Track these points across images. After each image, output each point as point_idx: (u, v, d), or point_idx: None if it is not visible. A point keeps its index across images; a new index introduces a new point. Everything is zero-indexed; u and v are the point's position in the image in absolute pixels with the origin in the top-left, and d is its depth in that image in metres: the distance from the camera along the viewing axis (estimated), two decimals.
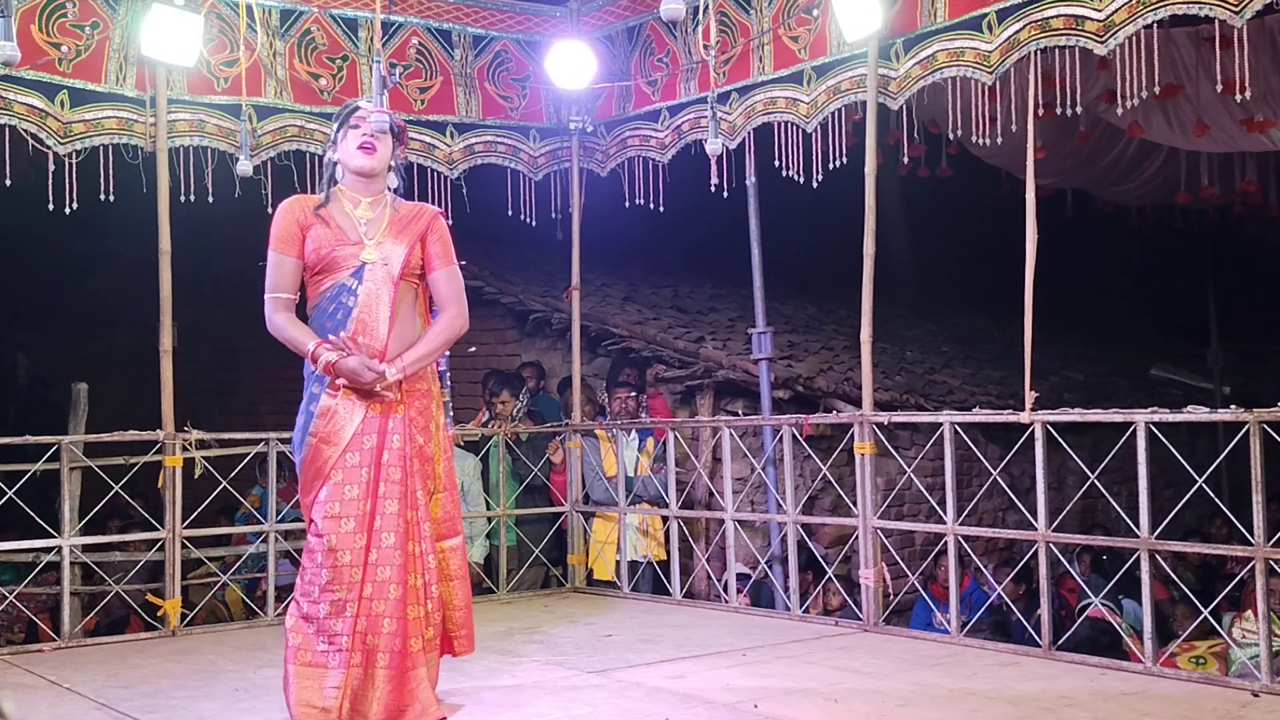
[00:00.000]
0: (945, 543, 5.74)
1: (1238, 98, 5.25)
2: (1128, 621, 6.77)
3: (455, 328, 4.36)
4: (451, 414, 4.52)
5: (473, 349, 4.57)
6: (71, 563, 5.99)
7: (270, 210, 6.50)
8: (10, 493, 5.92)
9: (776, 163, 6.50)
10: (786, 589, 6.50)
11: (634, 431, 7.46)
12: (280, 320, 4.22)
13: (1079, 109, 5.60)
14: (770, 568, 7.16)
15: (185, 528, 6.20)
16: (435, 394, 4.38)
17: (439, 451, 4.35)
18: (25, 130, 5.84)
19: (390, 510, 4.12)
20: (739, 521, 6.96)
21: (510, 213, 7.37)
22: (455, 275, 4.41)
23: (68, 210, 5.95)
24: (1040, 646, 5.34)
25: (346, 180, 4.32)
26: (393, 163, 4.40)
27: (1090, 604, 5.73)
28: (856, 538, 6.04)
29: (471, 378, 9.13)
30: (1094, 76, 6.25)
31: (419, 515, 4.19)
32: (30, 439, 6.05)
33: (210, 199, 6.35)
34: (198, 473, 6.22)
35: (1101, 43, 5.12)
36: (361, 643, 4.06)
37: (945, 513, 5.71)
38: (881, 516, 6.11)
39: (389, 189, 4.40)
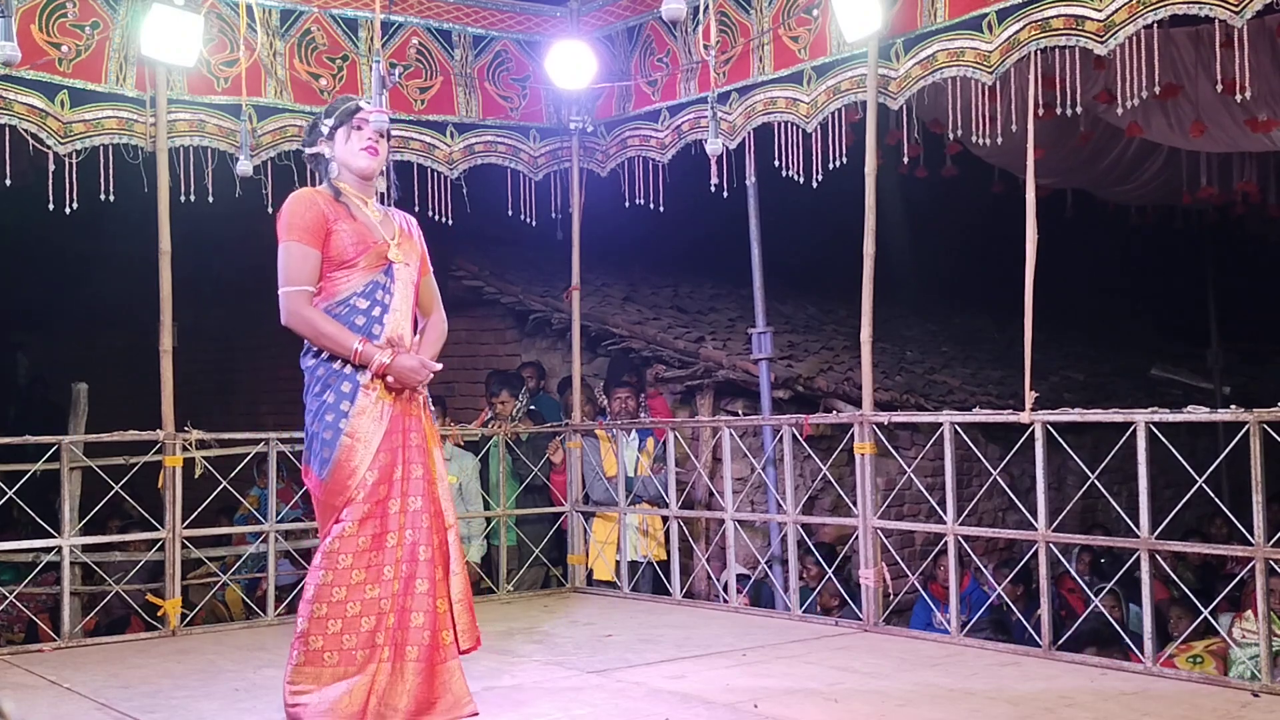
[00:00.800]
0: (945, 543, 5.74)
1: (1238, 98, 5.25)
2: (1132, 626, 6.76)
3: (444, 330, 4.49)
4: (433, 408, 4.51)
5: None
6: (71, 563, 5.99)
7: (270, 210, 6.51)
8: (10, 493, 5.92)
9: (776, 163, 6.49)
10: (786, 589, 6.50)
11: (634, 431, 7.46)
12: (311, 315, 4.09)
13: (1079, 109, 5.60)
14: (770, 568, 7.16)
15: (185, 528, 6.20)
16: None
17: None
18: (25, 130, 5.84)
19: (415, 507, 4.14)
20: (739, 521, 6.96)
21: (510, 213, 7.37)
22: (433, 280, 4.51)
23: (68, 210, 5.94)
24: (1040, 646, 5.34)
25: (346, 179, 4.29)
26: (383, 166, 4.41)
27: (1098, 606, 5.72)
28: (856, 538, 6.04)
29: (471, 378, 9.14)
30: (1094, 76, 6.24)
31: (437, 508, 4.21)
32: (30, 439, 6.05)
33: (210, 199, 6.35)
34: (198, 473, 6.22)
35: (1101, 43, 5.12)
36: (391, 638, 4.06)
37: (945, 513, 5.71)
38: (881, 516, 6.11)
39: (378, 193, 4.41)
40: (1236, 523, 5.48)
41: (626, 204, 7.31)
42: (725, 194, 6.62)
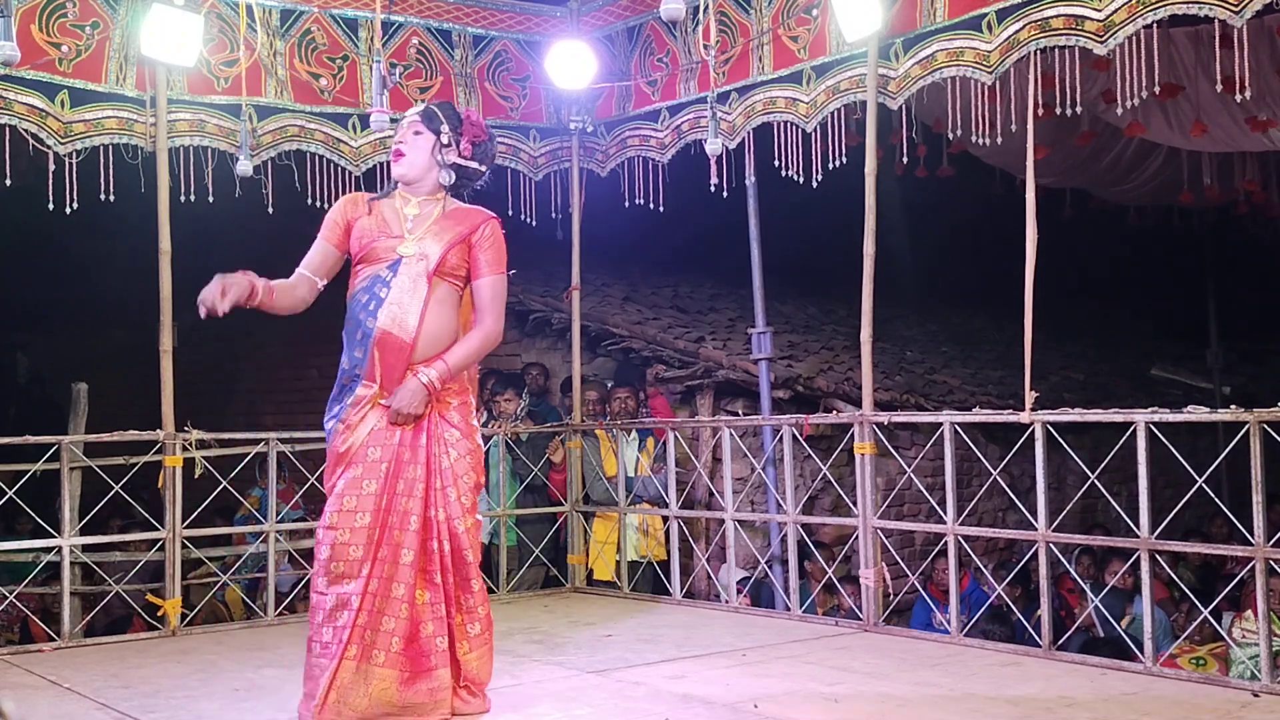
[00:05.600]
0: (945, 543, 5.74)
1: (1238, 97, 5.25)
2: (1134, 629, 6.74)
3: (491, 338, 4.38)
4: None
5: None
6: (72, 563, 5.99)
7: (270, 210, 6.53)
8: (10, 493, 5.92)
9: (776, 162, 6.50)
10: (786, 589, 6.50)
11: (634, 431, 7.46)
12: (282, 280, 4.30)
13: (1079, 109, 5.60)
14: (770, 568, 7.16)
15: (185, 528, 6.20)
16: (471, 395, 4.44)
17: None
18: (25, 130, 5.84)
19: (405, 507, 4.13)
20: (739, 521, 6.96)
21: (510, 213, 7.36)
22: (498, 284, 4.39)
23: (68, 210, 5.95)
24: (1040, 646, 5.34)
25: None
26: (438, 158, 4.35)
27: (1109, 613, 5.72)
28: (856, 538, 6.04)
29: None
30: (1094, 76, 6.24)
31: (449, 512, 4.18)
32: (30, 439, 6.04)
33: (210, 199, 6.35)
34: (198, 473, 6.22)
35: (1101, 43, 5.12)
36: (358, 637, 4.05)
37: (945, 513, 5.71)
38: (881, 516, 6.11)
39: (444, 187, 4.39)
40: (1236, 523, 5.48)
41: (626, 204, 7.31)
42: (725, 194, 6.62)
